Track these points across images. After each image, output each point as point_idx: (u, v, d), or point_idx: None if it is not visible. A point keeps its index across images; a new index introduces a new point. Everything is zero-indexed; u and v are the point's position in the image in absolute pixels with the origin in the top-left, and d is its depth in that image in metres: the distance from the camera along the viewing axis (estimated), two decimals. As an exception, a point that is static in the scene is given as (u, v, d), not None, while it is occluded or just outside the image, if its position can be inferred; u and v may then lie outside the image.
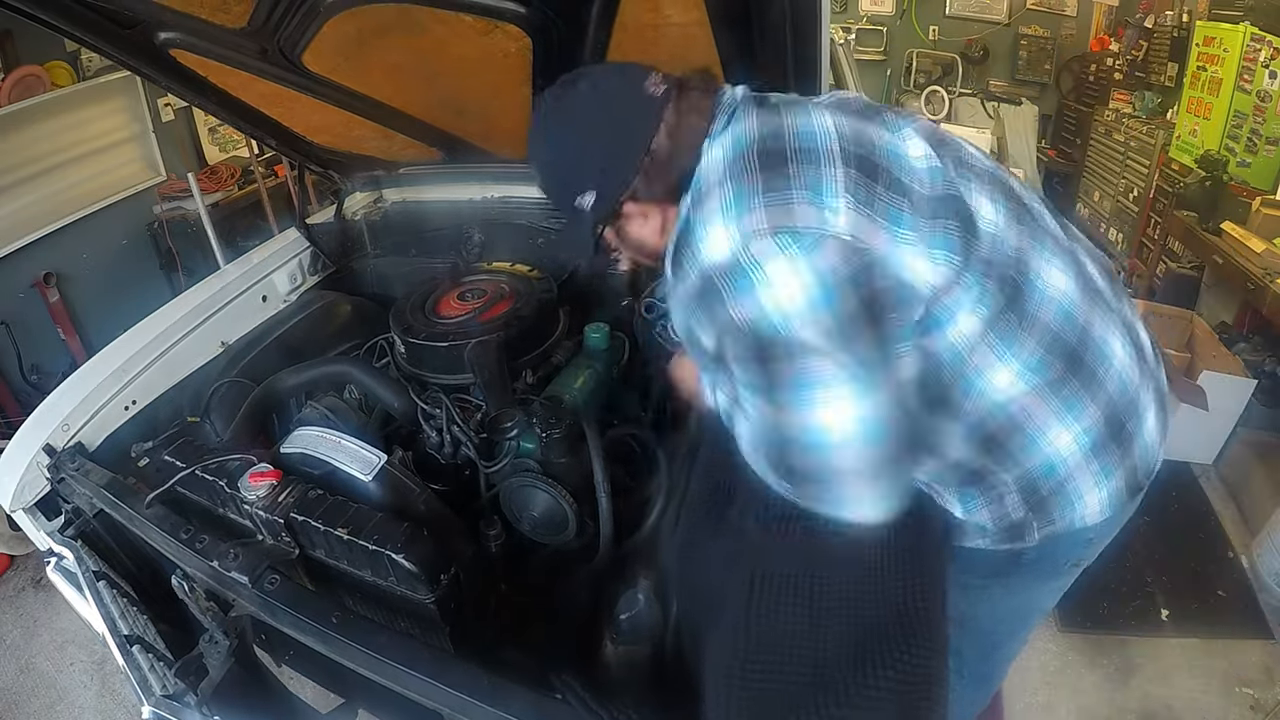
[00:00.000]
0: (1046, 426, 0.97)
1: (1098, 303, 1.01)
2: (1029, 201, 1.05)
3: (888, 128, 0.96)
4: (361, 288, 2.21)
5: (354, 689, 1.41)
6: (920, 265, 0.88)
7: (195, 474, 1.29)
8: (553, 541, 1.40)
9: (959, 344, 0.92)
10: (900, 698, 0.86)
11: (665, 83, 0.95)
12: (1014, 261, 0.95)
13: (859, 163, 0.88)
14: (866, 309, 0.84)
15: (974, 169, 1.00)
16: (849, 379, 0.83)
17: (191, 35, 1.38)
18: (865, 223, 0.85)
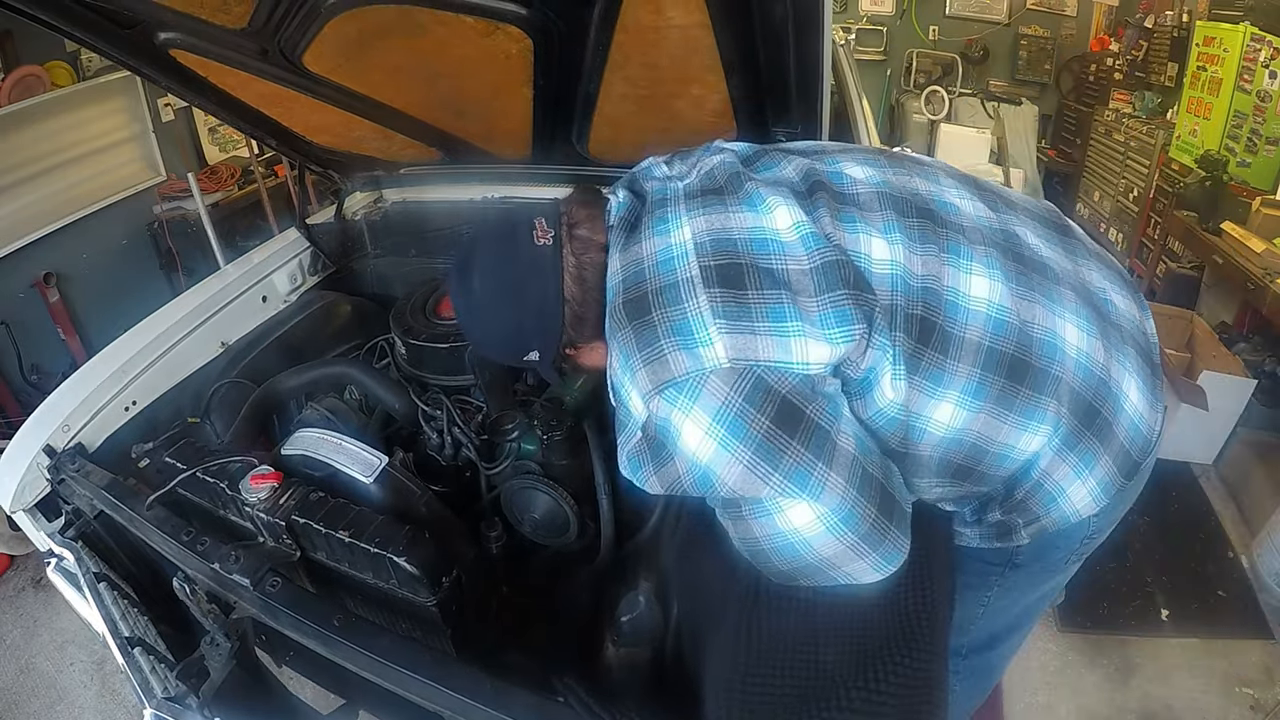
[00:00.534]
0: (1010, 439, 0.95)
1: (1036, 285, 0.96)
2: (934, 195, 1.00)
3: (749, 205, 0.92)
4: (361, 288, 2.20)
5: (355, 691, 1.40)
6: (817, 352, 0.84)
7: (196, 476, 1.29)
8: (554, 543, 1.40)
9: (890, 403, 0.90)
10: (901, 701, 0.86)
11: (551, 228, 0.97)
12: (922, 292, 0.91)
13: (721, 277, 0.86)
14: (781, 420, 0.82)
15: (855, 197, 0.96)
16: (795, 490, 0.82)
17: (191, 35, 1.37)
18: (744, 339, 0.83)
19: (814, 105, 1.30)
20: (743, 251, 0.88)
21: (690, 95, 1.43)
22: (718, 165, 1.00)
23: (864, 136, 2.52)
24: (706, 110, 1.44)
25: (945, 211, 0.99)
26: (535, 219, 0.98)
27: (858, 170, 1.00)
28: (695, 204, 0.94)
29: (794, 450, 0.82)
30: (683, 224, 0.91)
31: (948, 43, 5.45)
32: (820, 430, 0.84)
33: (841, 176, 0.99)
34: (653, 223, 0.94)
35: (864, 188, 0.98)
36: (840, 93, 2.69)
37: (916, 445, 0.93)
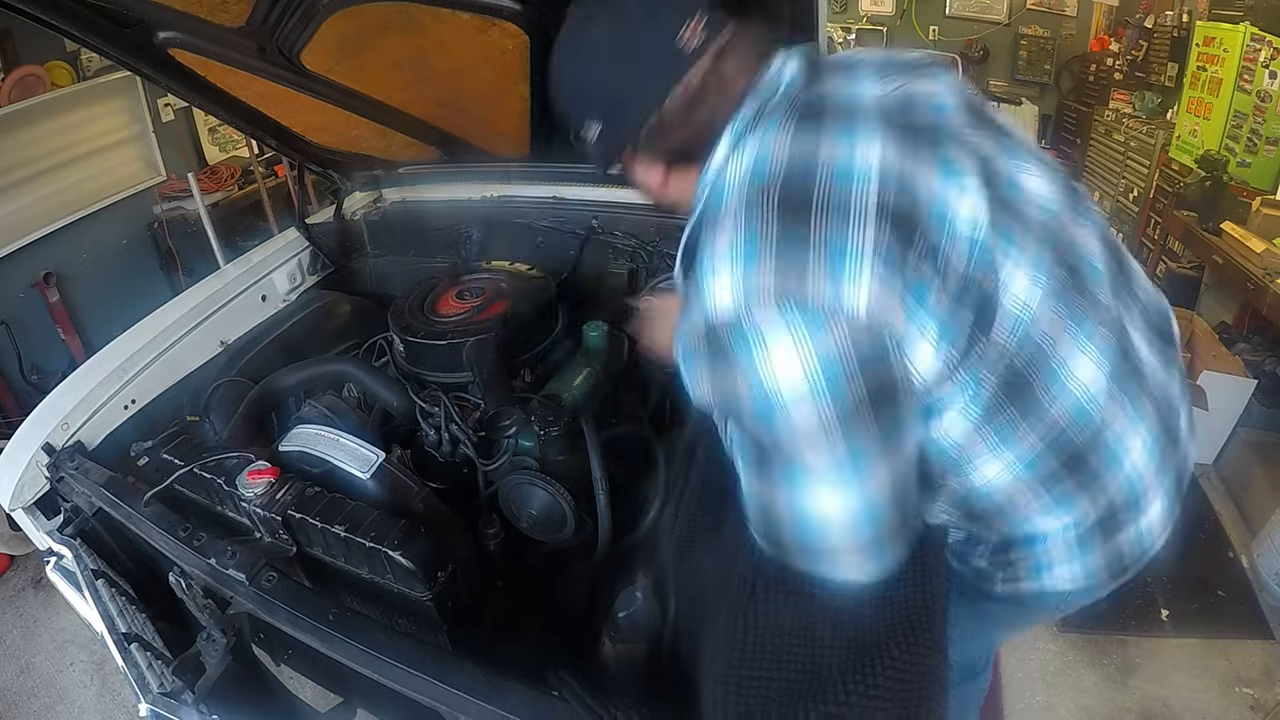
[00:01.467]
0: (1032, 513, 0.94)
1: (1129, 390, 0.91)
2: (1085, 258, 0.91)
3: (944, 169, 0.80)
4: (361, 287, 2.21)
5: (352, 687, 1.40)
6: (926, 355, 0.77)
7: (193, 472, 1.29)
8: (551, 539, 1.40)
9: (946, 438, 0.86)
10: (900, 694, 0.86)
11: (703, 34, 0.82)
12: (1035, 349, 0.83)
13: (895, 220, 0.74)
14: (874, 399, 0.74)
15: (1028, 221, 0.85)
16: (841, 471, 0.77)
17: (190, 35, 1.38)
18: (887, 297, 0.73)
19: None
20: (922, 211, 0.77)
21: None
22: (926, 102, 0.87)
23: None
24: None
25: (1090, 278, 0.90)
26: (697, 12, 0.82)
27: (1036, 184, 0.90)
28: (893, 130, 0.80)
29: (869, 432, 0.75)
30: (875, 143, 0.78)
31: (948, 43, 5.45)
32: (898, 426, 0.78)
33: (1017, 184, 0.87)
34: (834, 120, 0.80)
35: (1034, 209, 0.87)
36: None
37: (950, 480, 0.92)
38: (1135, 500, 0.95)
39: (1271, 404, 2.78)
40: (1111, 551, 0.98)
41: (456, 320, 1.68)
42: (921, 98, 0.87)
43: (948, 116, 0.87)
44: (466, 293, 1.78)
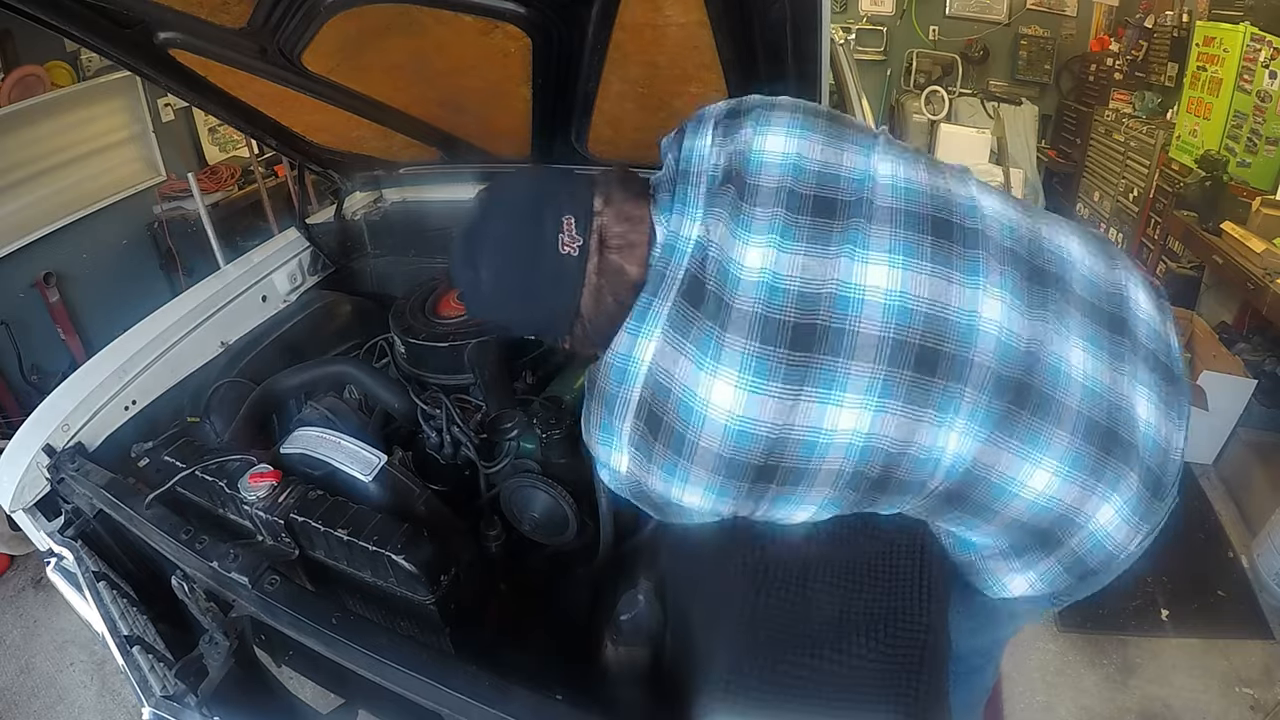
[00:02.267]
0: (950, 525, 0.98)
1: (1014, 433, 0.86)
2: (1047, 366, 0.88)
3: (825, 386, 0.83)
4: (361, 287, 2.21)
5: (354, 689, 1.41)
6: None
7: (195, 474, 1.29)
8: (553, 542, 1.40)
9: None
10: (896, 661, 0.88)
11: (580, 235, 0.89)
12: (895, 449, 0.85)
13: (649, 417, 0.86)
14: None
15: (965, 374, 0.86)
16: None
17: (191, 35, 1.37)
18: (634, 461, 0.89)
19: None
20: (670, 411, 0.87)
21: (689, 93, 1.42)
22: (830, 295, 0.85)
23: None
24: (705, 109, 1.44)
25: (1052, 385, 0.88)
26: (564, 218, 0.89)
27: (996, 311, 0.87)
28: (773, 353, 0.84)
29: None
30: (726, 385, 0.83)
31: (948, 43, 5.45)
32: None
33: (971, 329, 0.86)
34: (697, 353, 0.85)
35: (987, 354, 0.86)
36: (840, 92, 2.69)
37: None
38: (1061, 518, 0.91)
39: (1271, 404, 2.78)
40: (1067, 558, 0.95)
41: (458, 322, 1.67)
42: (828, 289, 0.85)
43: (853, 319, 0.84)
44: (467, 293, 1.78)
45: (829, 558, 1.00)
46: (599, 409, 0.90)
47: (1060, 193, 5.21)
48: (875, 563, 0.99)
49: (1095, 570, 0.97)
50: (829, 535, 1.00)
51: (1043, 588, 0.99)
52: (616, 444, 0.89)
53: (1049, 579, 0.98)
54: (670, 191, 0.95)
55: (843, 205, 0.87)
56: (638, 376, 0.86)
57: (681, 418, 0.84)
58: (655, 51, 1.32)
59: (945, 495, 0.91)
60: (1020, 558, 0.97)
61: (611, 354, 0.89)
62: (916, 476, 0.87)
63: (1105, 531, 0.92)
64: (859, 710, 0.87)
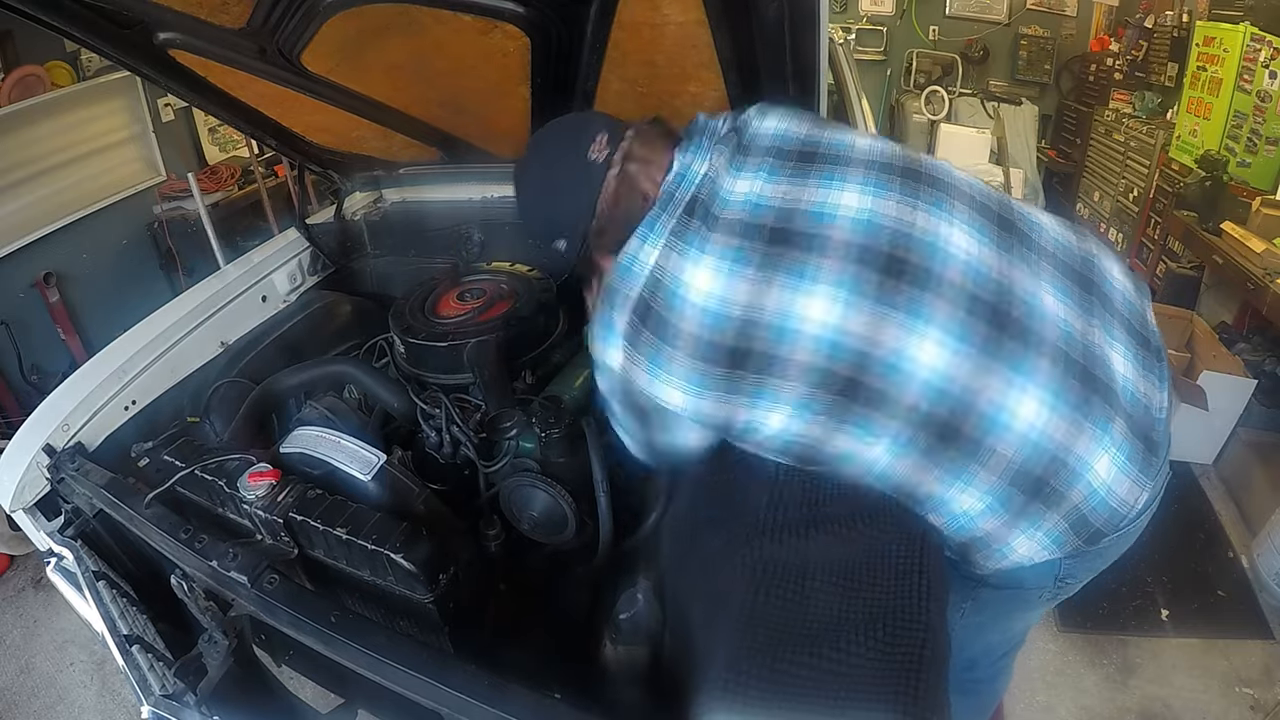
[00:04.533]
0: (941, 489, 0.97)
1: (998, 356, 0.90)
2: (1020, 301, 0.93)
3: (795, 278, 0.92)
4: (361, 287, 2.21)
5: (353, 689, 1.40)
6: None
7: (194, 474, 1.29)
8: (552, 541, 1.40)
9: (797, 438, 0.97)
10: (896, 660, 0.88)
11: (608, 146, 1.04)
12: (863, 347, 0.90)
13: (644, 309, 0.97)
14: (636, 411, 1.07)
15: (942, 288, 0.92)
16: None
17: (191, 35, 1.38)
18: (625, 354, 0.99)
19: (811, 103, 1.30)
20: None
21: (688, 93, 1.43)
22: (806, 210, 0.96)
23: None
24: (704, 108, 1.41)
25: (1026, 318, 0.93)
26: (598, 133, 1.05)
27: (963, 240, 0.94)
28: (756, 246, 0.95)
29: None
30: (716, 269, 0.94)
31: (948, 43, 5.45)
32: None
33: (936, 248, 0.93)
34: (695, 243, 0.96)
35: (955, 272, 0.92)
36: (840, 92, 2.70)
37: (844, 468, 1.01)
38: (1054, 460, 0.92)
39: (1271, 404, 2.78)
40: (1071, 515, 0.95)
41: (457, 321, 1.67)
42: (803, 206, 0.96)
43: (825, 226, 0.94)
44: (467, 294, 1.78)
45: (828, 557, 1.00)
46: (604, 307, 1.00)
47: (1060, 193, 5.20)
48: (874, 562, 0.99)
49: (1101, 530, 0.97)
50: (829, 534, 1.00)
51: (1050, 547, 0.98)
52: (613, 339, 0.98)
53: (1055, 538, 0.97)
54: (692, 139, 1.07)
55: (823, 155, 1.00)
56: (640, 275, 0.97)
57: (666, 302, 0.94)
58: (654, 50, 1.32)
59: (935, 428, 0.91)
60: (1022, 517, 0.96)
61: (622, 255, 0.99)
62: (890, 386, 0.91)
63: (1106, 485, 0.93)
64: (859, 710, 0.87)
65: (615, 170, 1.03)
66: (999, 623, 1.23)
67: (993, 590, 1.11)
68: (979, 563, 1.05)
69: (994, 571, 1.06)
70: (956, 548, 1.06)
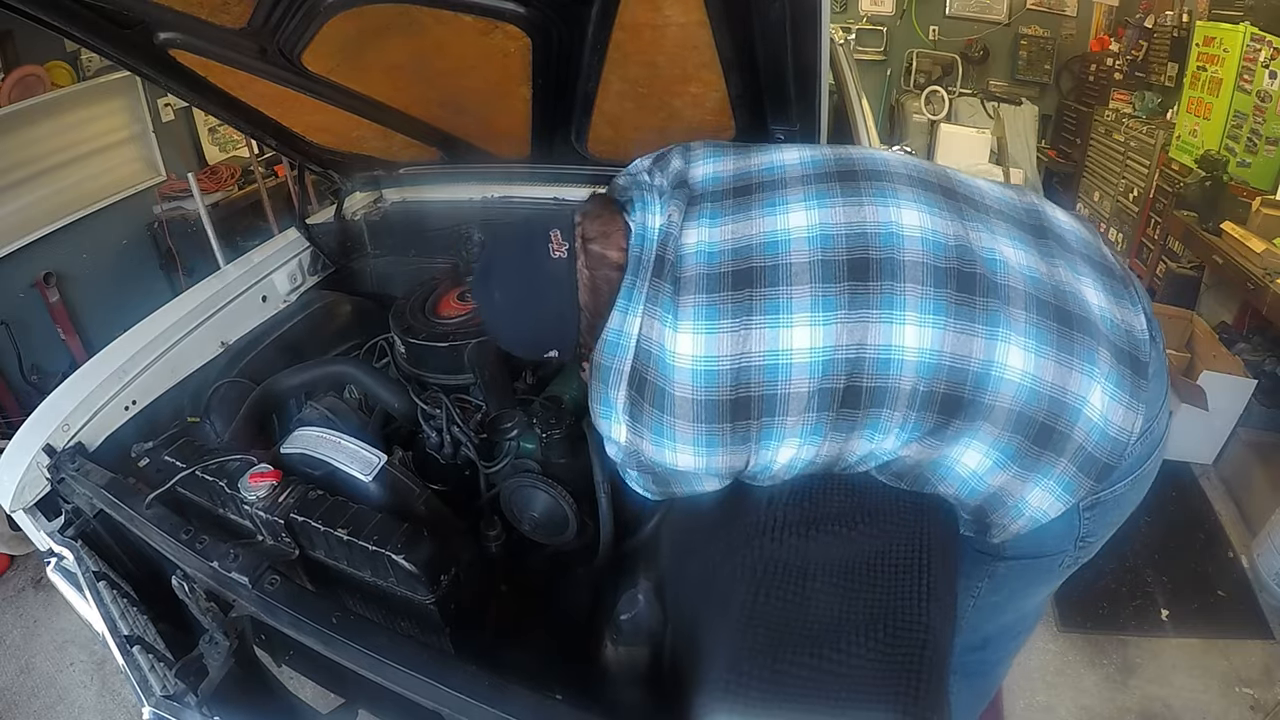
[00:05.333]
0: (945, 457, 0.99)
1: (974, 317, 0.91)
2: (981, 260, 0.95)
3: (771, 313, 0.93)
4: (361, 288, 2.20)
5: (354, 689, 1.40)
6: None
7: (195, 474, 1.29)
8: (553, 542, 1.40)
9: (811, 462, 1.00)
10: (896, 661, 0.88)
11: (565, 240, 1.02)
12: (852, 354, 0.92)
13: (639, 383, 0.97)
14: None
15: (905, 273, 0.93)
16: None
17: (191, 35, 1.37)
18: (629, 428, 1.00)
19: (812, 104, 1.30)
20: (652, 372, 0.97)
21: (689, 93, 1.43)
22: (760, 243, 0.97)
23: (864, 136, 2.52)
24: (705, 108, 1.44)
25: (990, 274, 0.95)
26: (551, 231, 1.03)
27: (914, 218, 0.96)
28: (718, 299, 0.95)
29: None
30: (686, 335, 0.94)
31: (948, 43, 5.45)
32: None
33: (892, 234, 0.94)
34: (669, 307, 0.96)
35: (914, 251, 0.94)
36: (840, 92, 2.69)
37: (854, 464, 1.04)
38: (1053, 402, 0.93)
39: (1271, 404, 2.78)
40: (1078, 457, 0.96)
41: (458, 322, 1.67)
42: (755, 240, 0.97)
43: (782, 254, 0.94)
44: (468, 294, 1.78)
45: (829, 557, 1.00)
46: (598, 385, 1.01)
47: (1060, 193, 5.20)
48: (875, 562, 0.99)
49: (1109, 464, 0.97)
50: (830, 534, 1.01)
51: (1064, 496, 0.99)
52: (614, 415, 1.00)
53: (1066, 484, 0.98)
54: (634, 198, 1.08)
55: (758, 184, 1.01)
56: (628, 349, 0.97)
57: (659, 373, 0.95)
58: (655, 51, 1.32)
59: (936, 403, 0.93)
60: (1033, 468, 0.97)
61: (606, 331, 1.00)
62: (884, 380, 0.92)
63: (1104, 417, 0.94)
64: (859, 710, 0.87)
65: (582, 259, 1.02)
66: (1015, 600, 1.24)
67: (1011, 563, 1.12)
68: (998, 527, 1.05)
69: (1013, 537, 1.06)
70: (973, 513, 1.06)
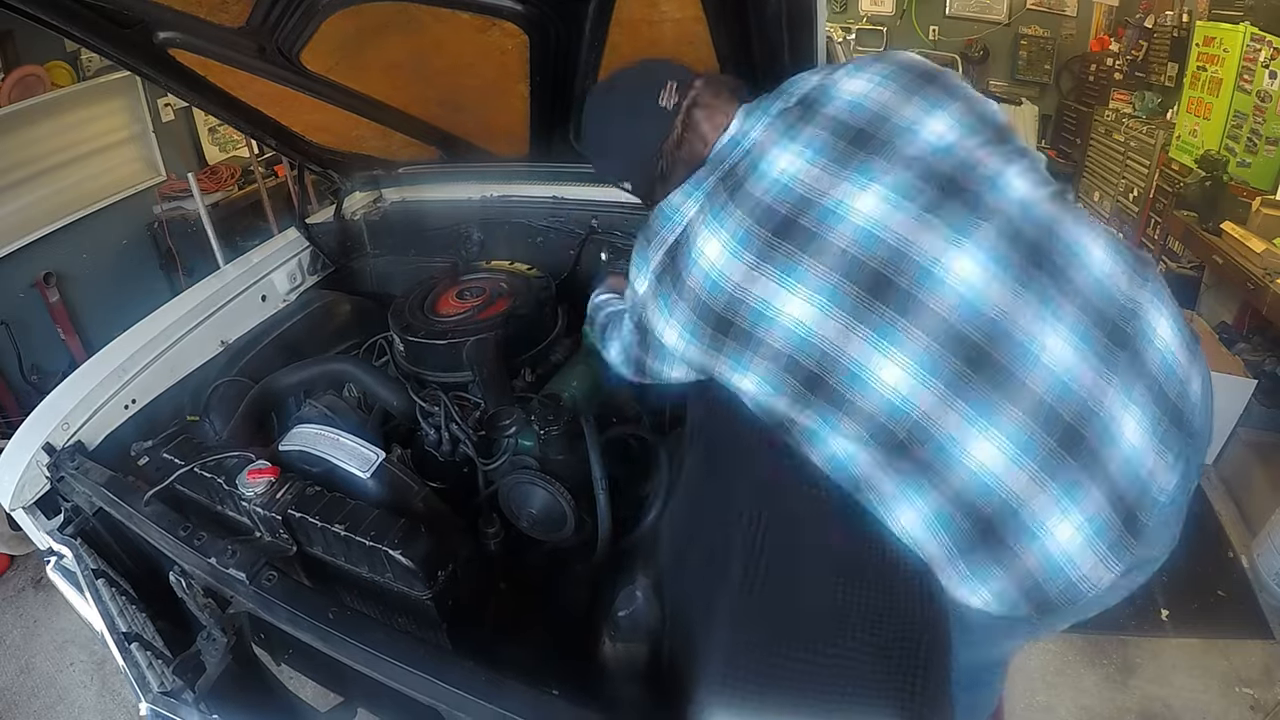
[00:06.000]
0: (889, 508, 0.95)
1: (964, 395, 0.88)
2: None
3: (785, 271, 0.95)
4: (361, 287, 2.21)
5: (352, 686, 1.41)
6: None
7: (194, 471, 1.29)
8: (551, 539, 1.40)
9: (766, 405, 1.01)
10: (895, 655, 0.88)
11: (676, 94, 1.09)
12: (830, 351, 0.93)
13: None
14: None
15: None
16: None
17: (190, 35, 1.38)
18: (650, 286, 1.08)
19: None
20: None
21: (687, 91, 1.43)
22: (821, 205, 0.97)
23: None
24: (703, 106, 1.44)
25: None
26: (669, 81, 1.09)
27: (968, 269, 0.90)
28: (763, 228, 0.99)
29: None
30: (724, 246, 1.00)
31: (948, 43, 5.46)
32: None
33: (931, 274, 0.91)
34: (716, 218, 1.01)
35: (943, 303, 0.90)
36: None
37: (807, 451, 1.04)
38: (1005, 507, 0.88)
39: (1271, 404, 2.77)
40: (1025, 580, 0.90)
41: (457, 320, 1.68)
42: (823, 200, 0.96)
43: (829, 227, 0.95)
44: (467, 292, 1.78)
45: (827, 554, 1.00)
46: (643, 242, 1.10)
47: (1060, 193, 5.20)
48: (872, 557, 0.98)
49: (1056, 603, 0.91)
50: (827, 530, 1.00)
51: (999, 608, 0.93)
52: (645, 270, 1.08)
53: (1004, 600, 0.92)
54: (758, 103, 1.10)
55: (878, 141, 0.97)
56: (678, 224, 1.05)
57: (685, 258, 1.03)
58: (652, 48, 1.32)
59: (893, 444, 0.92)
60: (966, 559, 0.92)
61: (665, 203, 1.08)
62: (849, 391, 0.93)
63: (1067, 555, 0.88)
64: (858, 706, 0.87)
65: (681, 116, 1.09)
66: (980, 644, 1.19)
67: (976, 611, 1.08)
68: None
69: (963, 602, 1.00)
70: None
